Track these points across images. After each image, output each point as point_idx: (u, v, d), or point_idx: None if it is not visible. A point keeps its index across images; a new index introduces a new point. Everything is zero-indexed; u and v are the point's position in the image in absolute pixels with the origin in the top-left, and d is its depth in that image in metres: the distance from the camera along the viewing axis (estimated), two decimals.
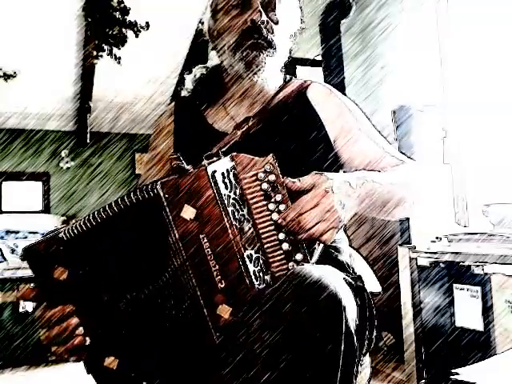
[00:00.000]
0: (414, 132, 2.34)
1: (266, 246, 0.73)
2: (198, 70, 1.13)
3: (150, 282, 0.72)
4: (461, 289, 1.84)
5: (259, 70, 1.00)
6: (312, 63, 4.12)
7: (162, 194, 0.69)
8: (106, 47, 4.07)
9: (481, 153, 2.40)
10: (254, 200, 0.74)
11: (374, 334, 0.90)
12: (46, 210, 5.94)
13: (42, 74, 4.65)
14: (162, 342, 0.73)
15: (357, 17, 3.33)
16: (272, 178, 0.74)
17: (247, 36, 0.99)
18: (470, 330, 1.79)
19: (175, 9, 3.99)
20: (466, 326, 1.81)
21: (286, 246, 0.73)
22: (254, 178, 0.74)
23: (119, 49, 4.07)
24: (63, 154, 6.04)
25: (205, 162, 0.72)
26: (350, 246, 1.05)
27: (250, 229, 0.73)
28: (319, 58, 3.74)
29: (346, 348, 0.64)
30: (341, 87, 3.36)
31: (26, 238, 4.74)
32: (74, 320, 0.72)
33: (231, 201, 0.72)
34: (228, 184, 0.72)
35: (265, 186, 0.74)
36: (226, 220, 0.70)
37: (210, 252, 0.69)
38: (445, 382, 0.78)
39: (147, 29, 4.03)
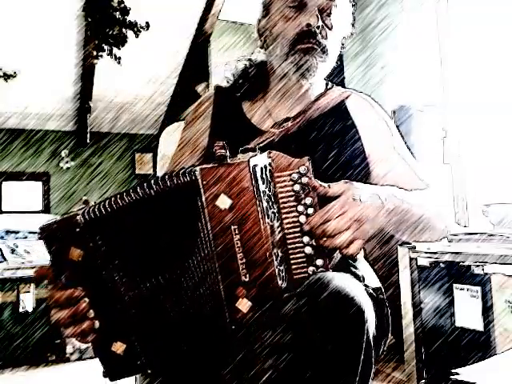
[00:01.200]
0: (414, 132, 2.34)
1: (289, 247, 0.73)
2: (240, 63, 1.12)
3: (173, 268, 0.71)
4: (461, 289, 1.83)
5: (310, 74, 0.99)
6: None
7: (199, 180, 0.69)
8: (106, 47, 4.07)
9: (481, 153, 2.40)
10: (285, 200, 0.74)
11: (387, 344, 0.91)
12: (46, 210, 5.94)
13: (42, 74, 4.65)
14: (175, 329, 0.72)
15: (357, 17, 3.33)
16: (305, 180, 0.74)
17: (301, 40, 0.98)
18: (470, 330, 1.79)
19: (175, 9, 3.99)
20: (466, 326, 1.81)
21: (308, 249, 0.73)
22: (287, 177, 0.74)
23: (119, 49, 4.08)
24: (63, 154, 6.04)
25: (240, 155, 0.73)
26: (365, 257, 1.04)
27: (278, 228, 0.73)
28: None
29: (365, 359, 0.64)
30: (341, 87, 3.36)
31: (25, 237, 4.73)
32: (85, 303, 0.71)
33: (266, 197, 0.72)
34: (265, 180, 0.72)
35: (297, 187, 0.74)
36: (260, 215, 0.70)
37: (239, 244, 0.69)
38: (445, 382, 0.78)
39: (147, 29, 4.03)
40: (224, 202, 0.69)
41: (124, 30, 3.99)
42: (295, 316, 0.63)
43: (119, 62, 4.14)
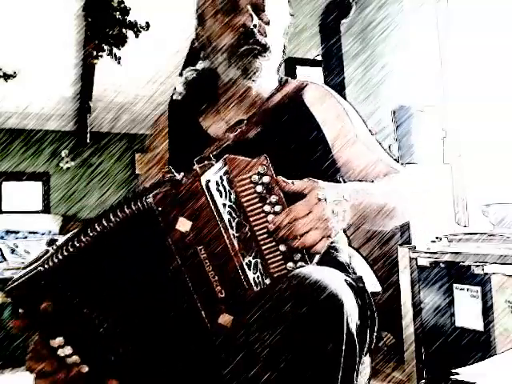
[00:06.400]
0: (414, 132, 2.34)
1: (263, 248, 0.72)
2: (188, 73, 1.11)
3: (147, 300, 0.70)
4: (461, 289, 1.84)
5: (256, 76, 0.97)
6: (312, 63, 4.12)
7: (154, 207, 0.67)
8: (105, 47, 4.07)
9: (481, 153, 2.40)
10: (249, 203, 0.73)
11: (375, 334, 0.90)
12: (46, 210, 5.94)
13: (42, 74, 4.65)
14: (162, 356, 0.72)
15: (357, 17, 3.33)
16: (266, 179, 0.73)
17: (240, 42, 0.96)
18: (469, 330, 1.79)
19: (175, 9, 3.99)
20: (466, 326, 1.81)
21: (283, 247, 0.73)
22: (247, 180, 0.73)
23: (119, 49, 4.08)
24: (63, 154, 6.05)
25: (196, 166, 0.70)
26: (350, 245, 1.05)
27: (247, 234, 0.72)
28: (319, 58, 3.74)
29: (347, 349, 0.64)
30: (341, 87, 3.36)
31: (25, 238, 4.74)
32: (67, 350, 0.70)
33: (227, 209, 0.70)
34: (222, 191, 0.71)
35: (259, 188, 0.73)
36: (222, 230, 0.68)
37: (208, 263, 0.68)
38: (445, 382, 0.78)
39: (147, 29, 4.03)
40: (184, 224, 0.67)
41: (124, 30, 3.99)
42: (275, 313, 0.63)
43: (119, 62, 4.14)
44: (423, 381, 1.99)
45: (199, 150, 0.92)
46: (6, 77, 4.56)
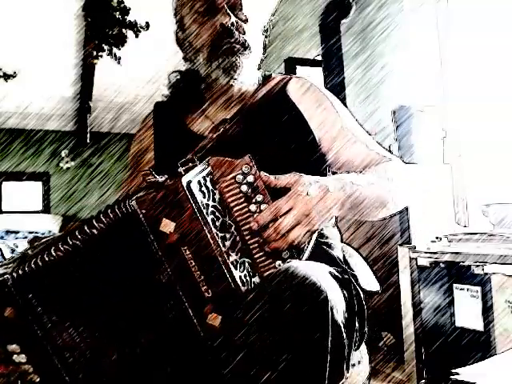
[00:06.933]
0: (414, 132, 2.34)
1: (251, 248, 0.72)
2: (171, 75, 1.13)
3: (134, 301, 0.70)
4: (461, 289, 1.84)
5: (237, 74, 0.99)
6: (312, 63, 4.12)
7: (137, 210, 0.68)
8: (105, 47, 4.07)
9: (481, 153, 2.40)
10: (235, 203, 0.73)
11: (366, 327, 0.90)
12: (46, 210, 5.94)
13: (42, 74, 4.65)
14: (154, 360, 0.71)
15: (357, 17, 3.33)
16: (250, 179, 0.73)
17: (220, 41, 0.98)
18: (469, 330, 1.79)
19: None
20: (466, 326, 1.81)
21: (269, 246, 0.73)
22: (232, 181, 0.73)
23: (119, 49, 4.08)
24: (63, 154, 6.05)
25: (180, 169, 0.71)
26: (347, 244, 1.05)
27: (233, 233, 0.72)
28: (319, 58, 3.74)
29: (334, 340, 0.64)
30: (341, 87, 3.36)
31: (25, 238, 4.74)
32: (21, 358, 0.71)
33: (210, 209, 0.70)
34: (206, 192, 0.71)
35: (244, 188, 0.73)
36: (206, 230, 0.68)
37: (193, 263, 0.68)
38: (445, 382, 0.78)
39: (147, 29, 4.03)
40: (167, 225, 0.68)
41: (124, 30, 3.99)
42: (259, 307, 0.63)
43: (119, 62, 4.14)
44: (423, 381, 1.99)
45: (186, 150, 0.92)
46: (6, 77, 4.56)
